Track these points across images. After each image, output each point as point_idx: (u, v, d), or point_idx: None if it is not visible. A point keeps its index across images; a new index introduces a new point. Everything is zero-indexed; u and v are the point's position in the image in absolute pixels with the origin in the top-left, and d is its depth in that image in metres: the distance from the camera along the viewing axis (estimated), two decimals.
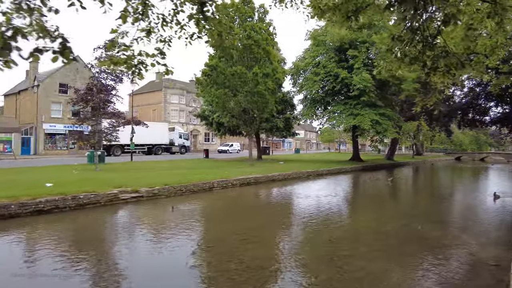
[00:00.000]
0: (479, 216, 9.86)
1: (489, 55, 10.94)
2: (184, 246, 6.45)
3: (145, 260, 5.70)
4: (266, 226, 8.16)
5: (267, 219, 8.83)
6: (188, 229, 7.74)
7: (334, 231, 7.81)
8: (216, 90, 21.32)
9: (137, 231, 7.61)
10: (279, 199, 12.35)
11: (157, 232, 7.49)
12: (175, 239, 6.89)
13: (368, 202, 12.33)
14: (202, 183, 13.85)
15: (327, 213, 9.77)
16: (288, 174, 19.09)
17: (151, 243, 6.69)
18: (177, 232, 7.43)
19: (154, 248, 6.39)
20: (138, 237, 7.17)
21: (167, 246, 6.48)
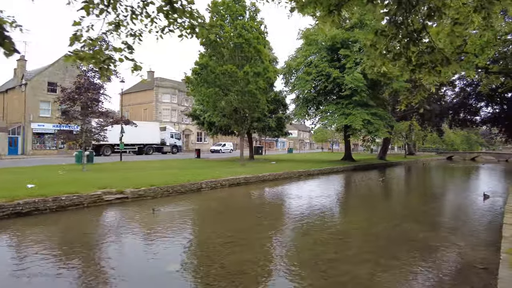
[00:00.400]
0: (469, 216, 9.77)
1: (479, 54, 10.90)
2: (163, 250, 6.21)
3: (119, 266, 5.44)
4: (253, 229, 7.94)
5: (254, 221, 8.61)
6: (168, 232, 7.48)
7: (322, 233, 7.62)
8: (206, 89, 21.06)
9: (115, 235, 7.33)
10: (268, 200, 12.15)
11: (135, 236, 7.23)
12: (154, 243, 6.64)
13: (359, 203, 12.20)
14: (190, 184, 13.58)
15: (316, 214, 9.59)
16: (279, 174, 18.90)
17: (127, 248, 6.43)
18: (156, 236, 7.17)
19: (129, 253, 6.13)
20: (114, 241, 6.89)
21: (144, 250, 6.23)
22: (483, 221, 9.01)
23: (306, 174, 21.34)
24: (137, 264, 5.57)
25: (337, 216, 9.47)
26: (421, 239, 7.07)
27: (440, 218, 9.31)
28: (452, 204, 12.12)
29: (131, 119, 48.73)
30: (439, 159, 54.48)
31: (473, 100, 28.11)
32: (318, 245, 6.71)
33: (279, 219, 8.90)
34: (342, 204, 11.45)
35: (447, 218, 9.36)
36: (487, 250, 6.39)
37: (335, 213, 9.84)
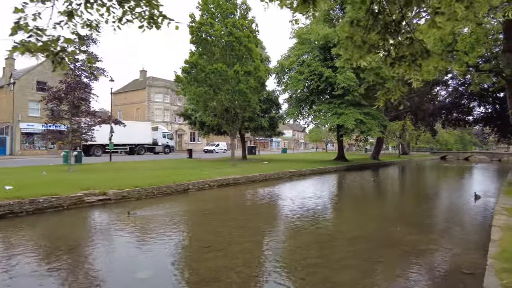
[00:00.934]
0: (459, 217, 9.56)
1: (469, 52, 10.69)
2: (135, 256, 5.89)
3: (86, 274, 5.11)
4: (235, 232, 7.64)
5: (237, 224, 8.31)
6: (144, 237, 7.16)
7: (307, 237, 7.35)
8: (196, 88, 20.72)
9: (87, 241, 7.00)
10: (255, 202, 11.86)
11: (107, 242, 6.89)
12: (126, 248, 6.33)
13: (348, 204, 11.95)
14: (176, 185, 13.25)
15: (303, 216, 9.32)
16: (270, 174, 18.62)
17: (97, 254, 6.09)
18: (129, 241, 6.84)
19: (99, 259, 5.79)
20: (85, 246, 6.55)
21: (115, 256, 5.91)
22: (474, 222, 8.81)
23: (297, 174, 21.08)
24: (106, 271, 5.24)
25: (324, 218, 9.20)
26: (408, 242, 6.82)
27: (430, 219, 9.07)
28: (443, 205, 11.92)
29: (124, 118, 48.28)
30: (433, 159, 54.57)
31: (465, 100, 28.07)
32: (301, 249, 6.43)
33: (264, 222, 8.60)
34: (331, 205, 11.19)
35: (437, 220, 9.13)
36: (475, 253, 6.15)
37: (323, 215, 9.57)
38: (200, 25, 20.42)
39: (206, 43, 20.76)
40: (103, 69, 19.21)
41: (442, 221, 8.92)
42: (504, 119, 26.80)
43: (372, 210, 10.50)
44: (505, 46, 12.96)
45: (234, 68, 19.83)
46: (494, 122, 28.88)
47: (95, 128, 20.07)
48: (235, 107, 21.18)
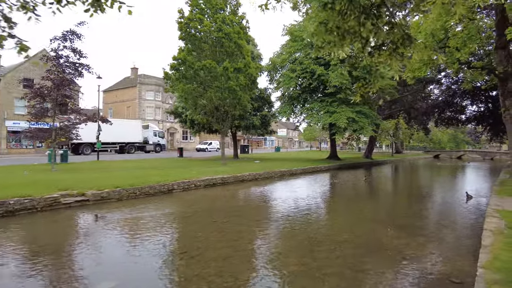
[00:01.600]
0: (450, 219, 9.22)
1: (461, 48, 10.36)
2: (99, 265, 5.44)
3: (44, 285, 4.65)
4: (213, 237, 7.21)
5: (217, 228, 7.88)
6: (114, 242, 6.70)
7: (289, 241, 6.95)
8: (184, 85, 20.20)
9: (51, 247, 6.52)
10: (240, 203, 11.43)
11: (73, 248, 6.42)
12: (91, 255, 5.86)
13: (337, 205, 11.58)
14: (160, 185, 12.78)
15: (288, 219, 8.92)
16: (259, 174, 18.21)
17: (59, 263, 5.63)
18: (95, 247, 6.38)
19: (60, 268, 5.33)
20: (48, 254, 6.07)
21: (78, 264, 5.44)
22: (465, 225, 8.47)
23: (288, 173, 20.71)
24: (63, 282, 4.77)
25: (311, 221, 8.80)
26: (395, 247, 6.45)
27: (421, 221, 8.72)
28: (434, 206, 11.58)
29: (115, 117, 47.57)
30: (426, 158, 54.59)
31: (458, 98, 27.88)
32: (282, 255, 6.02)
33: (246, 225, 8.18)
34: (320, 207, 10.79)
35: (427, 222, 8.79)
36: (466, 260, 5.79)
37: (310, 217, 9.17)
38: (189, 21, 19.92)
39: (195, 39, 20.25)
40: (88, 66, 18.57)
41: (432, 223, 8.57)
42: (497, 118, 26.67)
43: (361, 211, 10.13)
44: (498, 43, 12.67)
45: (223, 65, 19.35)
46: (487, 121, 28.76)
47: (82, 126, 19.52)
48: (224, 105, 20.71)
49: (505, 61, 12.46)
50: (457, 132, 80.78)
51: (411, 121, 40.47)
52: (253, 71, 21.04)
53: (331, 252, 6.14)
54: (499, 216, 7.45)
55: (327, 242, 6.84)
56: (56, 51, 17.62)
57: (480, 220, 8.61)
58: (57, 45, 17.63)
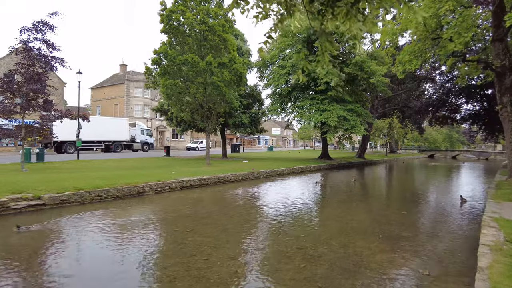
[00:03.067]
0: (442, 227, 8.28)
1: (455, 39, 9.41)
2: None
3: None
4: (168, 251, 6.21)
5: (176, 239, 6.87)
6: (24, 262, 5.67)
7: (253, 255, 5.96)
8: (166, 81, 19.14)
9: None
10: (212, 209, 10.41)
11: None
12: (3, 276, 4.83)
13: (320, 211, 10.58)
14: (129, 187, 11.75)
15: (259, 228, 7.94)
16: (244, 174, 17.21)
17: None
18: (13, 266, 5.35)
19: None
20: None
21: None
22: (458, 236, 7.52)
23: (275, 174, 19.74)
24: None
25: (284, 231, 7.82)
26: (377, 264, 5.48)
27: (409, 230, 7.77)
28: (426, 211, 10.64)
29: (103, 114, 46.35)
30: (420, 158, 53.90)
31: (452, 96, 27.04)
32: (238, 276, 5.02)
33: (211, 235, 7.17)
34: (298, 214, 9.79)
35: (416, 231, 7.83)
36: (457, 282, 4.84)
37: (284, 227, 8.18)
38: (171, 13, 18.85)
39: (177, 32, 19.19)
40: (62, 59, 17.43)
41: (422, 233, 7.62)
42: (492, 117, 25.89)
43: (344, 219, 9.16)
44: (495, 35, 11.74)
45: (206, 59, 18.30)
46: (482, 120, 27.96)
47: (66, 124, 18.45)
48: (207, 101, 19.69)
49: (502, 54, 11.54)
50: (452, 132, 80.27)
51: (405, 120, 39.68)
52: (239, 66, 19.99)
53: (298, 272, 5.15)
54: (496, 226, 6.52)
55: (297, 257, 5.85)
56: (26, 43, 16.49)
57: (474, 229, 7.69)
58: (27, 36, 16.50)
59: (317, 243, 6.68)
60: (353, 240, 6.86)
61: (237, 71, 20.02)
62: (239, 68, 20.01)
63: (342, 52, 28.22)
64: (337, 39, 25.81)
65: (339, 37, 25.43)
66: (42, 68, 16.97)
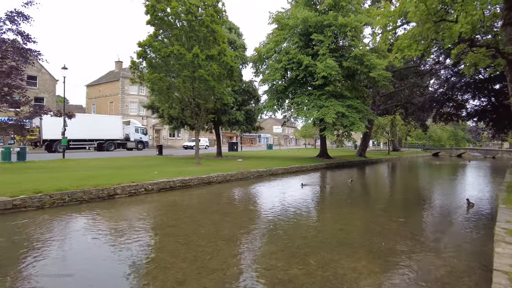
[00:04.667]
0: (444, 239, 7.02)
1: (461, 19, 8.12)
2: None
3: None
4: (109, 271, 5.04)
5: (120, 256, 5.70)
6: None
7: (205, 280, 4.77)
8: (151, 74, 18.00)
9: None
10: (184, 215, 9.21)
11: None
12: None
13: (306, 218, 9.27)
14: (97, 190, 10.62)
15: (230, 240, 6.74)
16: (231, 175, 16.01)
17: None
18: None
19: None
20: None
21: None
22: (465, 251, 6.25)
23: (267, 174, 18.52)
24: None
25: (255, 244, 6.62)
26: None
27: (404, 244, 6.52)
28: (426, 218, 9.30)
29: (98, 112, 45.38)
30: (424, 156, 52.34)
31: (457, 91, 25.55)
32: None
33: (168, 251, 6.00)
34: (277, 223, 8.52)
35: (413, 245, 6.56)
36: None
37: (256, 239, 6.98)
38: (156, 3, 17.68)
39: (163, 23, 18.03)
40: (38, 52, 16.36)
41: (420, 247, 6.35)
42: (500, 113, 24.46)
43: (331, 227, 7.93)
44: (506, 18, 10.41)
45: (193, 51, 17.11)
46: (489, 116, 26.48)
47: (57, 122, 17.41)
48: (195, 96, 18.52)
49: None
50: (457, 129, 78.47)
51: (408, 117, 38.22)
52: (229, 59, 18.76)
53: None
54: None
55: (261, 282, 4.65)
56: None
57: (486, 242, 6.43)
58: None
59: (292, 261, 5.47)
60: (336, 257, 5.64)
61: (227, 64, 18.80)
62: (229, 61, 18.80)
63: (342, 45, 26.90)
64: (336, 32, 24.54)
65: (338, 30, 24.16)
66: (16, 61, 15.91)
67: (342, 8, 24.96)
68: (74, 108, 49.74)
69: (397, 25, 9.84)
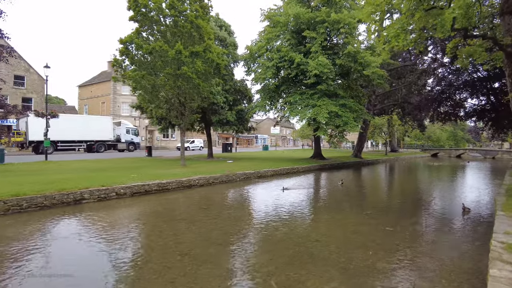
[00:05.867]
0: (433, 252, 6.16)
1: (456, 2, 7.28)
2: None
3: None
4: None
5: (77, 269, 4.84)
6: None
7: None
8: (132, 72, 17.20)
9: None
10: (146, 224, 8.38)
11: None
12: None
13: (277, 228, 8.44)
14: (61, 194, 9.77)
15: (183, 256, 5.89)
16: (215, 177, 15.13)
17: None
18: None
19: None
20: None
21: None
22: (456, 269, 5.37)
23: (255, 176, 17.66)
24: None
25: (215, 259, 5.79)
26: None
27: (386, 260, 5.65)
28: (415, 227, 8.28)
29: (90, 113, 44.51)
30: (423, 157, 51.43)
31: (454, 89, 24.65)
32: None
33: (104, 273, 5.15)
34: (249, 232, 7.72)
35: (396, 262, 5.70)
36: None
37: (217, 253, 6.15)
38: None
39: (145, 18, 17.21)
40: (10, 48, 15.52)
41: (404, 265, 5.47)
42: (499, 112, 23.59)
43: (306, 238, 7.07)
44: (504, 7, 9.57)
45: (175, 48, 16.29)
46: (488, 116, 25.61)
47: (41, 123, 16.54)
48: (178, 95, 17.69)
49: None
50: (456, 130, 77.58)
51: (405, 116, 37.34)
52: (215, 56, 17.93)
53: None
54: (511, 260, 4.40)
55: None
56: None
57: (481, 257, 5.57)
58: None
59: (248, 283, 4.61)
60: (304, 277, 4.78)
61: (212, 62, 17.97)
62: (215, 58, 17.96)
63: (336, 43, 26.09)
64: (329, 29, 23.73)
65: (330, 26, 23.35)
66: None
67: (335, 4, 24.18)
68: (67, 109, 48.87)
69: (385, 13, 8.95)
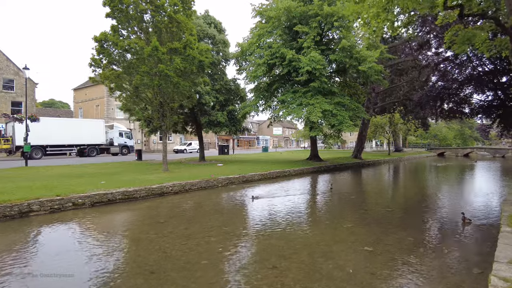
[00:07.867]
0: (426, 280, 4.83)
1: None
2: None
3: None
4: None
5: None
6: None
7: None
8: (109, 72, 16.13)
9: None
10: (86, 240, 7.19)
11: None
12: None
13: (226, 250, 7.20)
14: (4, 207, 8.65)
15: (103, 285, 4.66)
16: (192, 183, 13.89)
17: None
18: None
19: None
20: None
21: None
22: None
23: (240, 181, 16.41)
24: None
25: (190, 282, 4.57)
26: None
27: (373, 281, 4.37)
28: (402, 245, 6.78)
29: (85, 116, 43.72)
30: (428, 156, 49.59)
31: (458, 84, 23.08)
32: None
33: None
34: (188, 256, 6.50)
35: (386, 280, 4.40)
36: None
37: (155, 278, 4.94)
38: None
39: (121, 14, 16.11)
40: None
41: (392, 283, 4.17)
42: (508, 108, 22.02)
43: (260, 267, 5.80)
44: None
45: (151, 44, 15.15)
46: (496, 112, 23.99)
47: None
48: (156, 94, 16.55)
49: None
50: (464, 128, 75.27)
51: (407, 115, 35.72)
52: (196, 53, 16.73)
53: None
54: None
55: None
56: None
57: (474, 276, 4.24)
58: None
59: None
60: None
61: (194, 59, 16.78)
62: (196, 54, 16.77)
63: (332, 38, 24.75)
64: (322, 23, 22.42)
65: (324, 20, 22.03)
66: None
67: None
68: (62, 113, 48.21)
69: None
